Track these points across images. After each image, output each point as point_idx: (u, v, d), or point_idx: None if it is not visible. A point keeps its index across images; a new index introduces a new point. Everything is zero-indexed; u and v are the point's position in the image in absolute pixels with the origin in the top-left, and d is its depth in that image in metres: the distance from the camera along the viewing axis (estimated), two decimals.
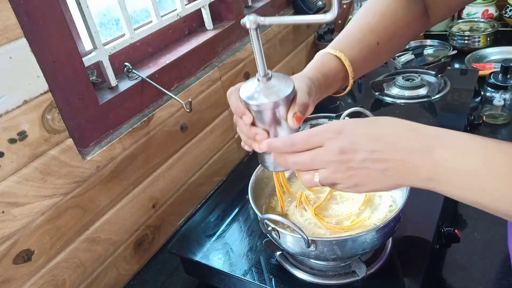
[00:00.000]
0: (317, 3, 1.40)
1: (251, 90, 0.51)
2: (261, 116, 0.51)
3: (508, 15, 1.53)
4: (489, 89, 1.11)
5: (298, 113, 0.50)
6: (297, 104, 0.51)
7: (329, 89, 0.62)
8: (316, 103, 0.59)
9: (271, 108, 0.50)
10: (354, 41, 0.63)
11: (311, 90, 0.54)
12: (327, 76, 0.60)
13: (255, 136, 0.52)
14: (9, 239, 0.63)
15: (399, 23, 0.65)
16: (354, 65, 0.61)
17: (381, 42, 0.64)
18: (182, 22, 1.04)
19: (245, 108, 0.52)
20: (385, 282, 0.66)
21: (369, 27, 0.64)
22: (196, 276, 0.82)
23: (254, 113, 0.51)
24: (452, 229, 0.73)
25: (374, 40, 0.63)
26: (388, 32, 0.64)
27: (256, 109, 0.51)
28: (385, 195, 0.72)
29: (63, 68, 0.70)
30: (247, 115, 0.51)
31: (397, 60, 1.42)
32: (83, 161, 0.73)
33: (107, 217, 0.80)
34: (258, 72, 0.51)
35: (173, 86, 0.95)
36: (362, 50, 0.62)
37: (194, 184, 1.01)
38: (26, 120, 0.63)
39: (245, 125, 0.53)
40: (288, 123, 0.51)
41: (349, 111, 0.77)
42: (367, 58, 0.64)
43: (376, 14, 0.64)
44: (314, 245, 0.60)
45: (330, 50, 0.62)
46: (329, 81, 0.60)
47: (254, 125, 0.53)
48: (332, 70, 0.61)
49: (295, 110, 0.50)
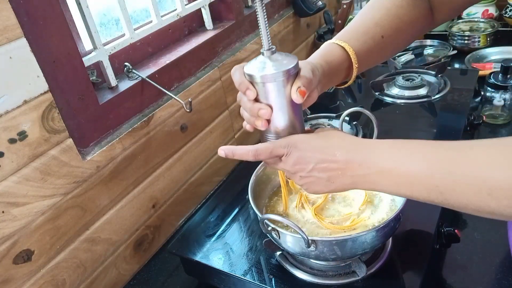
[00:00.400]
0: (317, 3, 1.40)
1: (255, 65, 0.52)
2: (264, 90, 0.52)
3: (508, 15, 1.53)
4: (489, 89, 1.11)
5: (302, 87, 0.52)
6: (301, 78, 0.52)
7: (333, 79, 0.64)
8: (320, 92, 0.59)
9: (275, 80, 0.51)
10: (359, 33, 0.64)
11: (315, 71, 0.56)
12: (331, 65, 0.61)
13: (258, 111, 0.53)
14: (9, 239, 0.63)
15: (404, 18, 0.66)
16: (358, 56, 0.63)
17: (386, 36, 0.65)
18: (182, 22, 1.04)
19: (249, 83, 0.53)
20: (385, 282, 0.66)
21: (374, 21, 0.65)
22: (196, 276, 0.82)
23: (258, 86, 0.52)
24: (452, 229, 0.73)
25: (379, 33, 0.65)
26: (393, 26, 0.65)
27: (259, 81, 0.51)
28: (384, 195, 0.72)
29: (63, 68, 0.70)
30: (251, 90, 0.53)
31: (397, 60, 1.42)
32: (83, 161, 0.73)
33: (107, 217, 0.80)
34: (262, 47, 0.52)
35: (173, 86, 0.95)
36: (366, 42, 0.64)
37: (194, 184, 1.01)
38: (26, 120, 0.63)
39: (248, 101, 0.54)
40: (292, 97, 0.52)
41: (349, 111, 0.77)
42: (372, 51, 0.65)
43: (382, 9, 0.66)
44: (314, 245, 0.60)
45: (335, 40, 0.63)
46: (333, 71, 0.62)
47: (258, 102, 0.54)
48: (336, 59, 0.62)
49: (299, 84, 0.52)
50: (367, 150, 0.51)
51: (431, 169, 0.45)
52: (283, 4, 1.38)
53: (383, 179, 0.49)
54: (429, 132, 1.03)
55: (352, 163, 0.51)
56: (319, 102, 0.62)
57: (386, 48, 0.67)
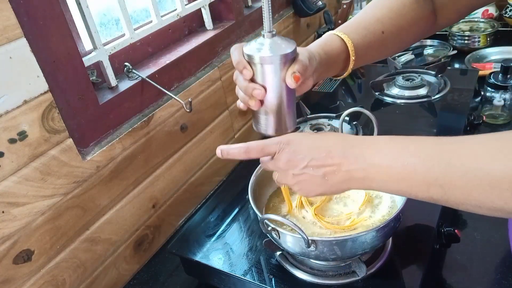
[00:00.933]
0: (317, 3, 1.40)
1: (254, 46, 0.54)
2: (261, 71, 0.53)
3: (508, 15, 1.52)
4: (489, 89, 1.11)
5: (297, 73, 0.53)
6: (297, 63, 0.53)
7: (330, 69, 0.64)
8: (315, 81, 0.60)
9: (272, 62, 0.52)
10: (359, 27, 0.65)
11: (312, 59, 0.56)
12: (329, 55, 0.62)
13: (252, 91, 0.54)
14: (9, 239, 0.63)
15: (407, 16, 0.67)
16: (357, 49, 0.64)
17: (386, 32, 0.66)
18: (182, 22, 1.04)
19: (246, 62, 0.54)
20: (385, 282, 0.66)
21: (375, 17, 0.66)
22: (196, 276, 0.82)
23: (255, 67, 0.54)
24: (452, 229, 0.73)
25: (380, 29, 0.65)
26: (394, 24, 0.66)
27: (257, 61, 0.53)
28: (385, 195, 0.72)
29: (63, 68, 0.70)
30: (248, 69, 0.54)
31: (397, 60, 1.42)
32: (83, 161, 0.73)
33: (107, 217, 0.80)
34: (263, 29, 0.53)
35: (173, 86, 0.95)
36: (366, 36, 0.65)
37: (194, 184, 1.01)
38: (26, 120, 0.63)
39: (244, 80, 0.55)
40: (286, 81, 0.53)
41: (349, 111, 0.77)
42: (371, 45, 0.66)
43: (384, 7, 0.67)
44: (314, 245, 0.60)
45: (335, 31, 0.65)
46: (331, 61, 0.63)
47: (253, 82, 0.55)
48: (335, 50, 0.63)
49: (294, 69, 0.53)
50: (364, 146, 0.50)
51: (430, 161, 0.44)
52: (283, 4, 1.38)
53: (381, 174, 0.48)
54: (429, 132, 1.04)
55: (347, 158, 0.49)
56: (319, 102, 0.62)
57: (386, 44, 0.67)
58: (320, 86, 1.32)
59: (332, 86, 1.31)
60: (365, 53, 0.65)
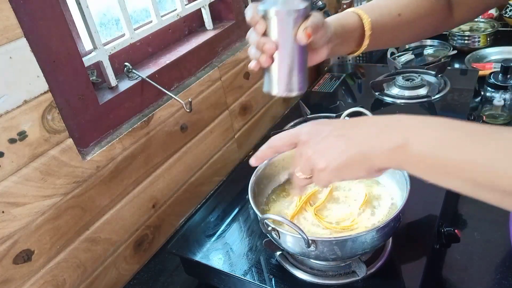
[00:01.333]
0: (317, 3, 1.40)
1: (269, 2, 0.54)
2: (273, 26, 0.54)
3: (508, 15, 1.52)
4: (489, 89, 1.11)
5: (309, 29, 0.53)
6: (311, 20, 0.54)
7: (345, 43, 0.65)
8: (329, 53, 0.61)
9: (285, 16, 0.53)
10: (376, 7, 0.67)
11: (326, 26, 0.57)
12: (345, 28, 0.63)
13: (263, 45, 0.54)
14: (9, 239, 0.63)
15: (424, 4, 0.68)
16: (373, 27, 0.65)
17: (403, 15, 0.67)
18: (182, 22, 1.04)
19: (260, 17, 0.54)
20: (385, 282, 0.66)
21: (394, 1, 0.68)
22: (196, 276, 0.82)
23: (268, 22, 0.54)
24: (452, 229, 0.73)
25: (396, 11, 0.67)
26: (412, 9, 0.67)
27: (271, 15, 0.53)
28: (384, 195, 0.72)
29: (63, 68, 0.70)
30: (261, 23, 0.54)
31: (397, 60, 1.42)
32: (83, 161, 0.73)
33: (107, 217, 0.80)
34: None
35: (173, 86, 0.95)
36: (382, 15, 0.66)
37: (194, 184, 1.01)
38: (26, 120, 0.63)
39: (257, 34, 0.55)
40: (297, 36, 0.53)
41: (349, 111, 0.77)
42: (387, 26, 0.67)
43: None
44: (314, 245, 0.60)
45: (351, 9, 0.66)
46: (346, 35, 0.64)
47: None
48: (351, 24, 0.64)
49: (307, 25, 0.53)
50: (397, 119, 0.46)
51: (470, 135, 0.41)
52: None
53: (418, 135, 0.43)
54: None
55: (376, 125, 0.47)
56: (319, 102, 0.62)
57: (401, 28, 0.68)
58: (320, 86, 1.32)
59: (332, 86, 1.31)
60: (380, 33, 0.66)
